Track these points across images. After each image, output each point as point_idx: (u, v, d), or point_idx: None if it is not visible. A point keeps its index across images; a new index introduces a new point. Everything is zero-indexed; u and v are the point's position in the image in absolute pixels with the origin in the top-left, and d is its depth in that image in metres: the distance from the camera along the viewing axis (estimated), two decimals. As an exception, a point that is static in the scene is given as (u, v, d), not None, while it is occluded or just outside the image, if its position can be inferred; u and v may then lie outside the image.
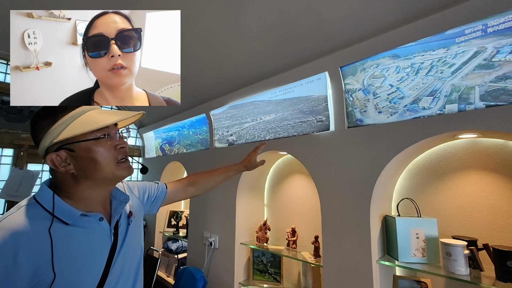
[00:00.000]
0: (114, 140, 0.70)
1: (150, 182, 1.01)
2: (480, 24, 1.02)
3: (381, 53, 1.29)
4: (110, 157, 0.68)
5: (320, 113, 1.56)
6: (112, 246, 0.70)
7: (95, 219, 0.68)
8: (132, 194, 0.88)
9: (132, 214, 0.80)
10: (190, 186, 1.09)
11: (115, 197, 0.77)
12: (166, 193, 1.02)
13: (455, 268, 1.11)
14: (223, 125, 2.29)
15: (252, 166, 1.19)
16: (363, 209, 1.32)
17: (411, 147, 1.23)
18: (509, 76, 0.97)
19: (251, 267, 2.04)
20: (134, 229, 0.79)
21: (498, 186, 1.21)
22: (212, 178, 1.13)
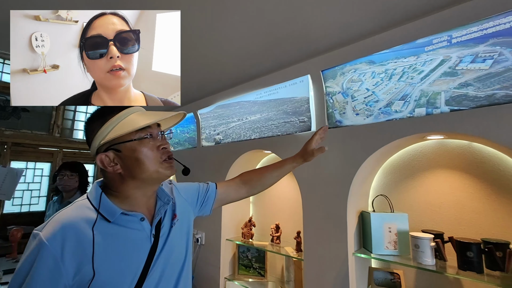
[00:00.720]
0: (157, 140, 0.71)
1: (200, 183, 0.97)
2: (446, 35, 1.11)
3: (358, 59, 1.37)
4: (153, 157, 0.68)
5: (303, 114, 1.63)
6: (153, 247, 0.69)
7: (136, 219, 0.68)
8: (180, 195, 0.85)
9: (176, 216, 0.78)
10: (242, 185, 1.01)
11: (160, 198, 0.77)
12: (217, 193, 0.96)
13: (422, 259, 1.21)
14: (210, 124, 2.33)
15: (311, 156, 1.00)
16: (340, 206, 1.40)
17: (385, 147, 1.31)
18: (470, 83, 1.07)
19: (236, 262, 2.10)
20: (178, 232, 0.77)
21: (463, 183, 1.31)
22: (267, 174, 1.03)
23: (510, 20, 0.98)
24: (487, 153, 1.24)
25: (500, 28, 1.00)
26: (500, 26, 1.00)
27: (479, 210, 1.25)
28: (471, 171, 1.29)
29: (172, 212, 0.78)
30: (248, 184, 1.02)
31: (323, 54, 1.52)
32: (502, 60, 1.00)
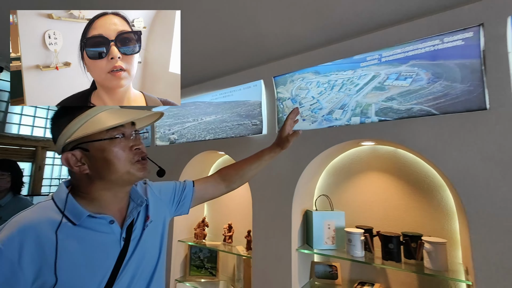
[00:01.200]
0: (130, 140, 0.67)
1: (176, 182, 0.94)
2: (377, 54, 1.27)
3: (306, 68, 1.48)
4: (125, 158, 0.65)
5: (255, 117, 1.69)
6: (122, 251, 0.65)
7: (105, 222, 0.65)
8: (154, 196, 0.82)
9: (149, 218, 0.75)
10: (221, 180, 0.98)
11: (132, 199, 0.73)
12: (194, 191, 0.93)
13: (353, 252, 1.35)
14: (165, 123, 2.28)
15: (286, 142, 0.98)
16: (286, 205, 1.49)
17: (326, 151, 1.44)
18: (394, 97, 1.23)
19: (188, 264, 2.09)
20: (151, 234, 0.74)
21: (390, 184, 1.50)
22: (245, 167, 1.00)
23: (426, 46, 1.16)
24: (408, 158, 1.44)
25: (418, 52, 1.17)
26: (418, 50, 1.17)
27: (402, 207, 1.45)
28: (396, 174, 1.48)
29: (145, 214, 0.75)
30: (227, 179, 0.99)
31: (275, 61, 1.60)
32: (418, 80, 1.18)
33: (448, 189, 1.31)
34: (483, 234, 1.00)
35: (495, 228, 0.98)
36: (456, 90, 1.10)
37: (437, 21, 1.12)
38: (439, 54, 1.13)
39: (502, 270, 0.95)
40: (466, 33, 1.07)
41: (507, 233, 0.96)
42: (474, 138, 1.04)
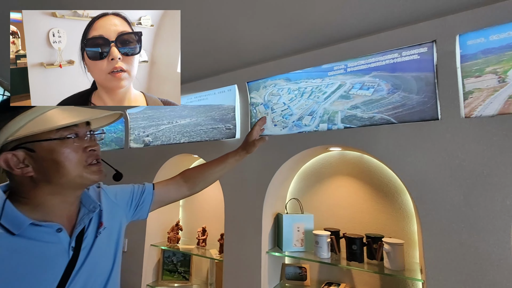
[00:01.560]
0: (84, 141, 0.63)
1: (135, 184, 0.89)
2: (343, 64, 1.33)
3: (278, 75, 1.52)
4: (77, 160, 0.60)
5: (229, 122, 1.71)
6: (71, 262, 0.60)
7: (51, 230, 0.59)
8: (109, 200, 0.77)
9: (103, 224, 0.70)
10: (184, 183, 0.95)
11: (84, 205, 0.68)
12: (154, 194, 0.89)
13: (320, 253, 1.40)
14: (140, 125, 2.24)
15: (252, 146, 0.99)
16: (257, 208, 1.52)
17: (296, 155, 1.48)
18: (358, 106, 1.30)
19: (160, 268, 2.06)
20: (104, 242, 0.69)
21: (357, 188, 1.57)
22: (209, 170, 0.98)
23: (386, 58, 1.23)
24: (373, 163, 1.51)
25: (379, 64, 1.25)
26: (379, 62, 1.25)
27: (367, 210, 1.52)
28: (362, 178, 1.55)
29: (98, 220, 0.70)
30: (190, 181, 0.96)
31: (250, 67, 1.63)
32: (379, 90, 1.25)
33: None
34: (434, 235, 1.07)
35: (444, 230, 1.06)
36: (412, 101, 1.18)
37: (396, 36, 1.20)
38: (397, 66, 1.20)
39: (450, 268, 1.03)
40: (421, 48, 1.15)
41: (455, 234, 1.04)
42: (427, 146, 1.12)
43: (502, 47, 1.01)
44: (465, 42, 1.07)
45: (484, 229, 0.99)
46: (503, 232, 0.96)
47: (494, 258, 0.97)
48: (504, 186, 0.98)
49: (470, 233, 1.01)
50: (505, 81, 1.01)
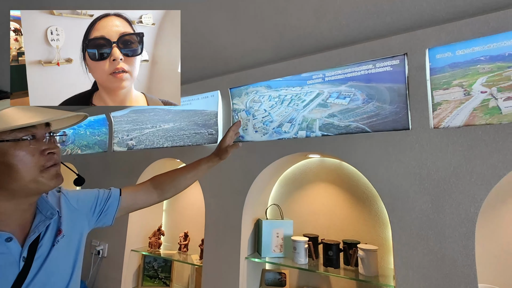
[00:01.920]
0: (42, 143, 0.59)
1: (100, 189, 0.85)
2: (321, 73, 1.36)
3: (259, 82, 1.54)
4: (33, 163, 0.56)
5: (211, 127, 1.72)
6: (22, 273, 0.56)
7: (0, 240, 0.55)
8: (70, 206, 0.73)
9: (62, 232, 0.66)
10: (153, 189, 0.92)
11: (40, 211, 0.64)
12: (121, 200, 0.85)
13: (298, 259, 1.41)
14: (124, 128, 2.23)
15: (225, 153, 0.98)
16: (237, 213, 1.53)
17: (276, 161, 1.50)
18: (335, 114, 1.33)
19: (141, 274, 2.03)
20: (63, 250, 0.65)
21: (335, 194, 1.59)
22: (180, 177, 0.96)
23: (361, 69, 1.27)
24: (351, 170, 1.54)
25: (355, 74, 1.29)
26: (355, 72, 1.29)
27: (345, 216, 1.54)
28: (341, 185, 1.58)
29: (57, 227, 0.66)
30: (159, 187, 0.93)
31: (232, 73, 1.65)
32: (355, 99, 1.28)
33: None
34: (404, 241, 1.10)
35: (414, 236, 1.09)
36: (385, 111, 1.21)
37: (370, 48, 1.24)
38: (372, 77, 1.24)
39: (419, 274, 1.06)
40: (394, 61, 1.19)
41: (423, 241, 1.07)
42: (398, 154, 1.16)
43: (467, 62, 1.06)
44: (434, 56, 1.12)
45: (451, 236, 1.03)
46: (467, 240, 1.00)
47: (459, 265, 1.00)
48: (468, 194, 1.02)
49: (437, 239, 1.05)
50: (470, 94, 1.06)
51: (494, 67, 1.02)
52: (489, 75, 1.03)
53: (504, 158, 0.98)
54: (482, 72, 1.04)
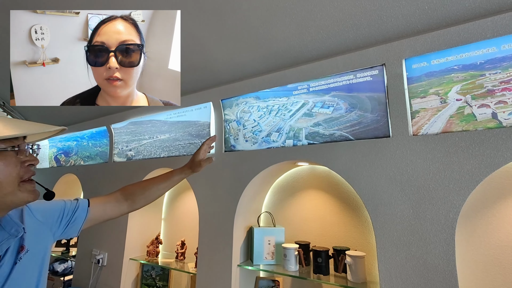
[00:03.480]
0: (24, 155, 0.58)
1: (67, 200, 0.81)
2: (306, 84, 1.41)
3: (248, 93, 1.60)
4: (14, 175, 0.55)
5: (204, 137, 1.78)
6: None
7: None
8: (33, 218, 0.69)
9: (24, 248, 0.62)
10: (124, 200, 0.91)
11: (4, 228, 0.59)
12: (89, 212, 0.82)
13: (288, 266, 1.43)
14: (123, 139, 2.31)
15: (198, 166, 0.99)
16: (229, 221, 1.56)
17: (267, 169, 1.54)
18: (320, 123, 1.37)
19: (139, 282, 2.07)
20: (27, 266, 0.62)
21: (326, 202, 1.62)
22: (152, 187, 0.95)
23: (343, 79, 1.32)
24: (340, 178, 1.57)
25: (337, 85, 1.33)
26: (337, 83, 1.33)
27: (336, 223, 1.56)
28: (331, 192, 1.60)
29: (19, 244, 0.62)
30: (130, 198, 0.91)
31: (223, 85, 1.72)
32: (338, 108, 1.33)
33: (372, 206, 1.45)
34: (387, 247, 1.12)
35: (396, 242, 1.11)
36: (367, 119, 1.25)
37: (350, 59, 1.28)
38: (353, 87, 1.29)
39: (402, 280, 1.07)
40: (373, 71, 1.24)
41: (405, 246, 1.09)
42: (379, 161, 1.19)
43: (442, 71, 1.10)
44: (410, 66, 1.16)
45: (431, 242, 1.04)
46: (447, 245, 1.01)
47: (440, 270, 1.01)
48: (447, 200, 1.04)
49: (419, 245, 1.06)
50: (446, 102, 1.09)
51: (467, 76, 1.05)
52: (463, 83, 1.06)
53: (480, 164, 1.00)
54: (457, 81, 1.07)
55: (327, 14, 1.23)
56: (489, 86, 1.01)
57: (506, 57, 0.99)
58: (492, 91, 1.01)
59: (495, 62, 1.01)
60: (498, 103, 1.00)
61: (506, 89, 0.99)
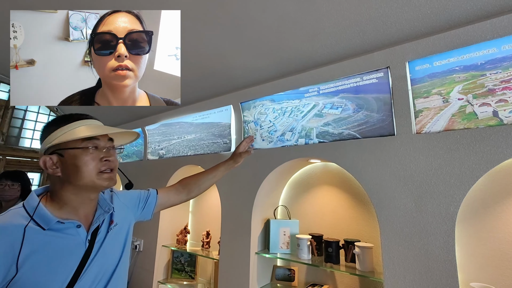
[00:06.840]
0: (101, 152, 0.74)
1: (141, 190, 1.02)
2: (316, 87, 1.52)
3: (264, 96, 1.74)
4: (93, 167, 0.72)
5: (226, 137, 1.96)
6: (87, 251, 0.72)
7: (72, 226, 0.72)
8: (120, 202, 0.89)
9: (113, 222, 0.81)
10: (182, 189, 1.11)
11: (101, 206, 0.81)
12: (158, 198, 1.02)
13: (301, 255, 1.56)
14: (155, 140, 2.58)
15: (239, 157, 1.21)
16: (247, 213, 1.73)
17: (280, 166, 1.67)
18: (330, 123, 1.48)
19: (170, 267, 2.31)
20: (115, 237, 0.81)
21: (338, 196, 1.71)
22: (202, 178, 1.15)
23: (350, 82, 1.41)
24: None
25: (345, 87, 1.42)
26: (345, 85, 1.42)
27: (348, 216, 1.65)
28: (342, 187, 1.69)
29: (110, 219, 0.82)
30: (187, 188, 1.11)
31: (242, 89, 1.88)
32: (346, 109, 1.42)
33: (381, 201, 1.52)
34: (390, 238, 1.20)
35: (399, 233, 1.19)
36: (373, 119, 1.33)
37: (357, 63, 1.37)
38: (360, 89, 1.37)
39: (404, 269, 1.15)
40: (378, 73, 1.32)
41: (407, 237, 1.16)
42: (385, 158, 1.27)
43: (444, 72, 1.15)
44: (413, 68, 1.22)
45: (433, 233, 1.11)
46: (447, 236, 1.08)
47: (440, 259, 1.08)
48: (448, 194, 1.10)
49: (420, 236, 1.14)
50: (448, 101, 1.14)
51: (468, 76, 1.10)
52: (465, 83, 1.11)
53: (480, 160, 1.05)
54: (458, 81, 1.12)
55: (335, 22, 1.33)
56: (490, 86, 1.06)
57: (507, 57, 1.02)
58: (493, 90, 1.05)
59: (495, 62, 1.05)
60: (499, 101, 1.04)
61: (507, 88, 1.03)
